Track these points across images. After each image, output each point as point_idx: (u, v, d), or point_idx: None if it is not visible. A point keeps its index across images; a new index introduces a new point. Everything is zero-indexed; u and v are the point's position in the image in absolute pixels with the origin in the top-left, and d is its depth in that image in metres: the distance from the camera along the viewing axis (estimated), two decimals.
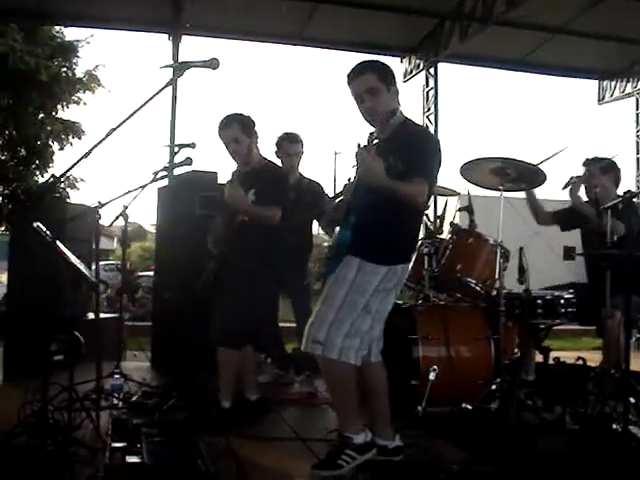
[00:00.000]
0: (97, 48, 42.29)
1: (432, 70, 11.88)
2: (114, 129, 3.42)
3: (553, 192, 5.47)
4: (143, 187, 4.86)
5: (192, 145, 4.64)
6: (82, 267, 3.81)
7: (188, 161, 4.45)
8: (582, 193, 4.99)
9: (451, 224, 4.81)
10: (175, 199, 6.33)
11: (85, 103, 16.51)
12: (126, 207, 5.03)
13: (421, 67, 11.84)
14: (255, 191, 4.45)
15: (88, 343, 4.52)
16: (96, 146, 3.26)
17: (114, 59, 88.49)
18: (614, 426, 4.04)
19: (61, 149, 16.48)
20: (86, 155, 3.25)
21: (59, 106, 16.26)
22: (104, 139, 3.26)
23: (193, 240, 5.97)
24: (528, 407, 4.39)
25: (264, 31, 11.20)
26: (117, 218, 5.14)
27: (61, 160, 17.11)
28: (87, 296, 6.52)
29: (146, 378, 5.46)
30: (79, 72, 16.35)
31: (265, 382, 5.51)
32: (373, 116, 3.55)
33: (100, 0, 9.70)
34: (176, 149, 4.71)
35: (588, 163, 5.00)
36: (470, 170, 4.70)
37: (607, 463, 3.58)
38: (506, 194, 4.94)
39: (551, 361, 4.90)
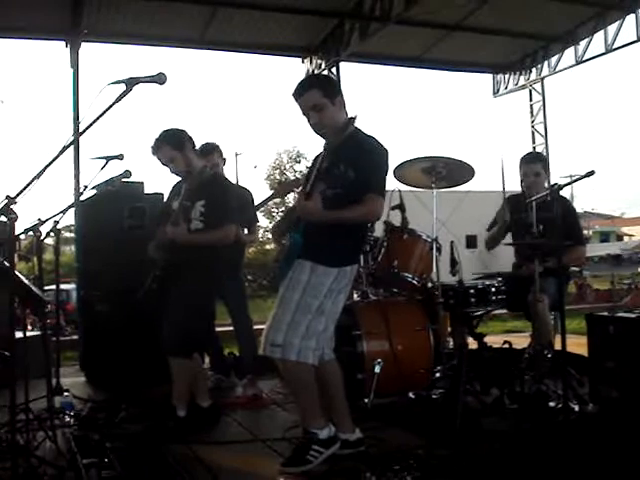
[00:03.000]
0: None
1: (334, 70, 12.08)
2: (66, 147, 3.44)
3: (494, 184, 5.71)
4: (83, 202, 4.84)
5: (120, 157, 4.62)
6: (34, 288, 3.81)
7: (127, 173, 4.45)
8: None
9: (385, 222, 4.98)
10: (101, 211, 6.27)
11: None
12: (57, 222, 4.96)
13: (323, 67, 12.02)
14: (204, 204, 4.51)
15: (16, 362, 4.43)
16: (48, 166, 3.27)
17: (9, 67, 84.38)
18: (551, 403, 4.35)
19: None
20: (39, 174, 3.26)
21: None
22: (58, 157, 3.29)
23: (123, 251, 5.96)
24: (468, 391, 4.63)
25: (165, 36, 11.13)
26: (48, 234, 5.10)
27: None
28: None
29: (90, 393, 5.42)
30: None
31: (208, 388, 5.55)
32: (321, 130, 3.71)
33: None
34: (104, 161, 4.68)
35: (532, 161, 5.29)
36: (402, 171, 4.91)
37: (552, 436, 3.84)
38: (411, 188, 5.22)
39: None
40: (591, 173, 3.90)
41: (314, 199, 3.49)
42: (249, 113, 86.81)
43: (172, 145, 4.57)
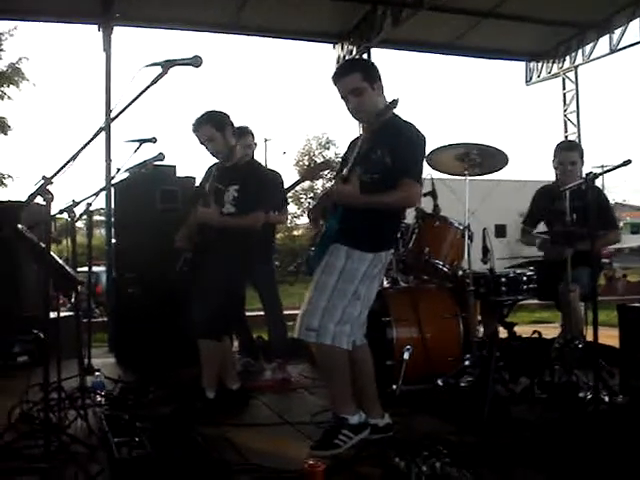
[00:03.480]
0: (22, 40, 41.07)
1: (365, 56, 11.98)
2: (102, 129, 3.47)
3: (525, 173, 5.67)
4: (115, 184, 4.87)
5: (153, 140, 4.65)
6: (68, 268, 3.85)
7: (161, 156, 4.48)
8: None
9: (417, 209, 4.97)
10: (133, 194, 6.32)
11: (10, 97, 16.13)
12: (90, 204, 5.01)
13: (354, 53, 11.91)
14: (238, 188, 4.54)
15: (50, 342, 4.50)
16: (84, 147, 3.31)
17: (41, 51, 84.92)
18: (580, 394, 4.32)
19: None
20: (75, 156, 3.29)
21: None
22: (92, 140, 3.32)
23: (155, 234, 6.01)
24: (497, 380, 4.61)
25: (196, 20, 11.11)
26: (81, 216, 5.15)
27: None
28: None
29: (120, 374, 5.49)
30: (2, 65, 15.95)
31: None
32: (360, 114, 3.72)
33: None
34: (137, 144, 4.70)
35: (569, 149, 5.29)
36: (435, 158, 4.87)
37: (581, 426, 3.82)
38: (441, 176, 5.19)
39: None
40: (628, 162, 3.85)
41: (352, 183, 3.49)
42: (279, 99, 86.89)
43: (213, 124, 4.60)
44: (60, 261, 3.81)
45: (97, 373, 4.98)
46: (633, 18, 11.14)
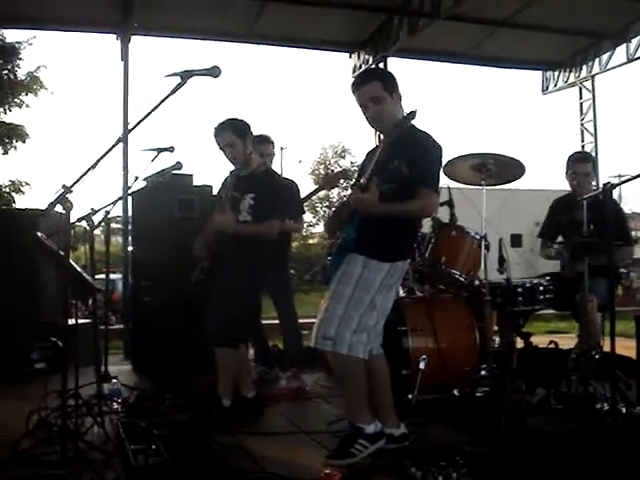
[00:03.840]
0: (40, 49, 41.45)
1: (381, 65, 12.01)
2: (120, 139, 3.50)
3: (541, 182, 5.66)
4: (133, 193, 4.89)
5: (171, 149, 4.68)
6: (86, 275, 3.88)
7: (178, 165, 4.53)
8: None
9: (433, 218, 4.97)
10: (151, 202, 6.36)
11: (28, 106, 16.25)
12: (108, 212, 5.04)
13: (370, 62, 11.95)
14: (254, 197, 4.57)
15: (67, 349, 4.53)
16: (104, 156, 3.33)
17: (59, 60, 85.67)
18: (597, 405, 4.30)
19: (5, 153, 16.23)
20: (94, 165, 3.32)
21: (1, 109, 15.97)
22: (111, 149, 3.35)
23: (172, 243, 6.04)
24: (514, 390, 4.59)
25: (214, 30, 11.20)
26: (99, 224, 5.18)
27: (5, 164, 16.98)
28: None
29: (136, 381, 5.52)
30: (21, 74, 16.06)
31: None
32: (378, 123, 3.73)
33: (44, 0, 9.54)
34: (155, 153, 4.73)
35: (582, 161, 5.31)
36: (451, 168, 4.86)
37: (598, 437, 3.79)
38: (457, 185, 5.18)
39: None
40: None
41: (371, 191, 3.50)
42: (295, 107, 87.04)
43: (235, 131, 4.64)
44: (78, 269, 3.85)
45: (114, 380, 5.01)
46: None
